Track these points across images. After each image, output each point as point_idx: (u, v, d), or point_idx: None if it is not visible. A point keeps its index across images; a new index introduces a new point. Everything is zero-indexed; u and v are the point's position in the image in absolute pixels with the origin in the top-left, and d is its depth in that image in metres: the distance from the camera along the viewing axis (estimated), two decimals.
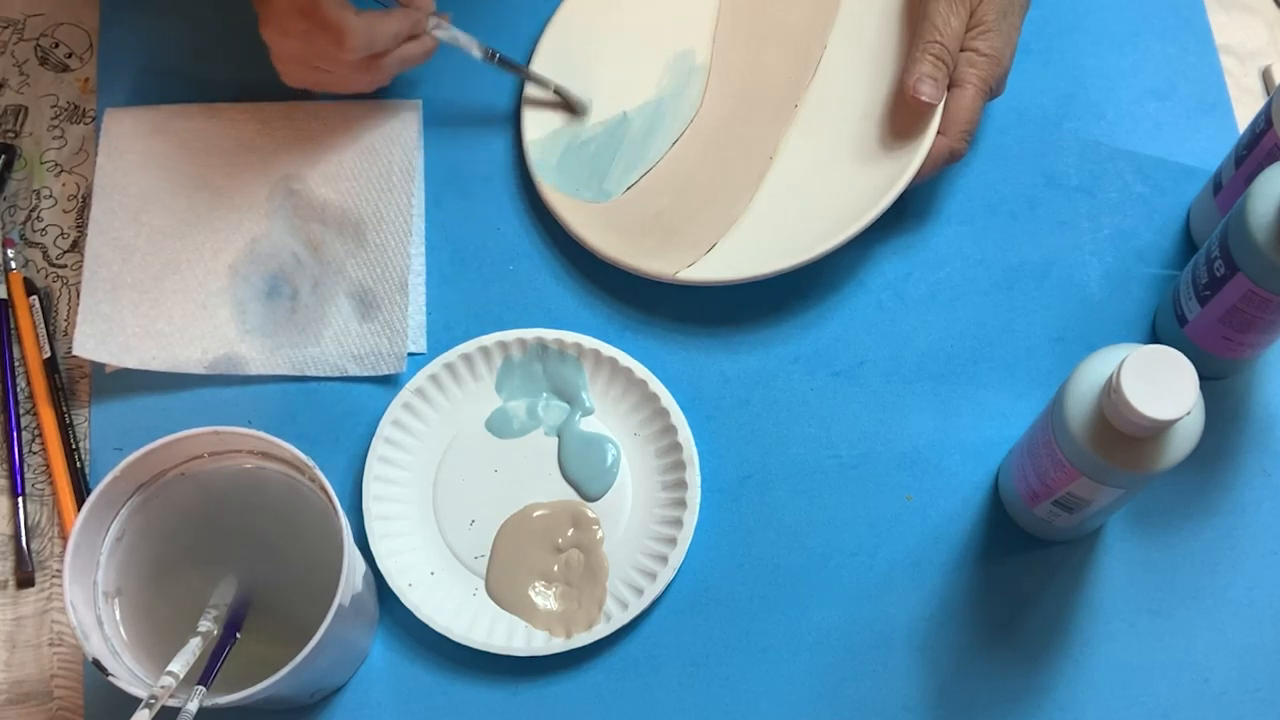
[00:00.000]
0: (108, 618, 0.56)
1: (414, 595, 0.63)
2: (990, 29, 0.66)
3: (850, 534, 0.65)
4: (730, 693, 0.63)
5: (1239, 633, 0.63)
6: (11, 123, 0.75)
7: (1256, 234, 0.56)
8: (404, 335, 0.68)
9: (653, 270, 0.68)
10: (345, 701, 0.63)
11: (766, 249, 0.67)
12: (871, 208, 0.66)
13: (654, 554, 0.64)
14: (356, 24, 0.64)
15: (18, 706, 0.63)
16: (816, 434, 0.67)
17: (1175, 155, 0.73)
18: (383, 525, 0.64)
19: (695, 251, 0.68)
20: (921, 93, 0.66)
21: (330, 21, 0.63)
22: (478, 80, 0.75)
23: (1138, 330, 0.69)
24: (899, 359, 0.69)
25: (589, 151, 0.72)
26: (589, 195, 0.71)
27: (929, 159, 0.66)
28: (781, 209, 0.69)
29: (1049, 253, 0.71)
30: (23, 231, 0.73)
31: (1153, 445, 0.52)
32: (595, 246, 0.69)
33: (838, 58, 0.72)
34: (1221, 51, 0.75)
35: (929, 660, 0.63)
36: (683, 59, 0.75)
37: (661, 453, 0.66)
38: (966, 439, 0.67)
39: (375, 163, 0.72)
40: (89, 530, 0.55)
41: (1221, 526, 0.65)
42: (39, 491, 0.67)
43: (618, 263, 0.69)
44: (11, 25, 0.77)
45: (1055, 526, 0.62)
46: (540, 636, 0.63)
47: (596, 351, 0.67)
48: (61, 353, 0.70)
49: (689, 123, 0.73)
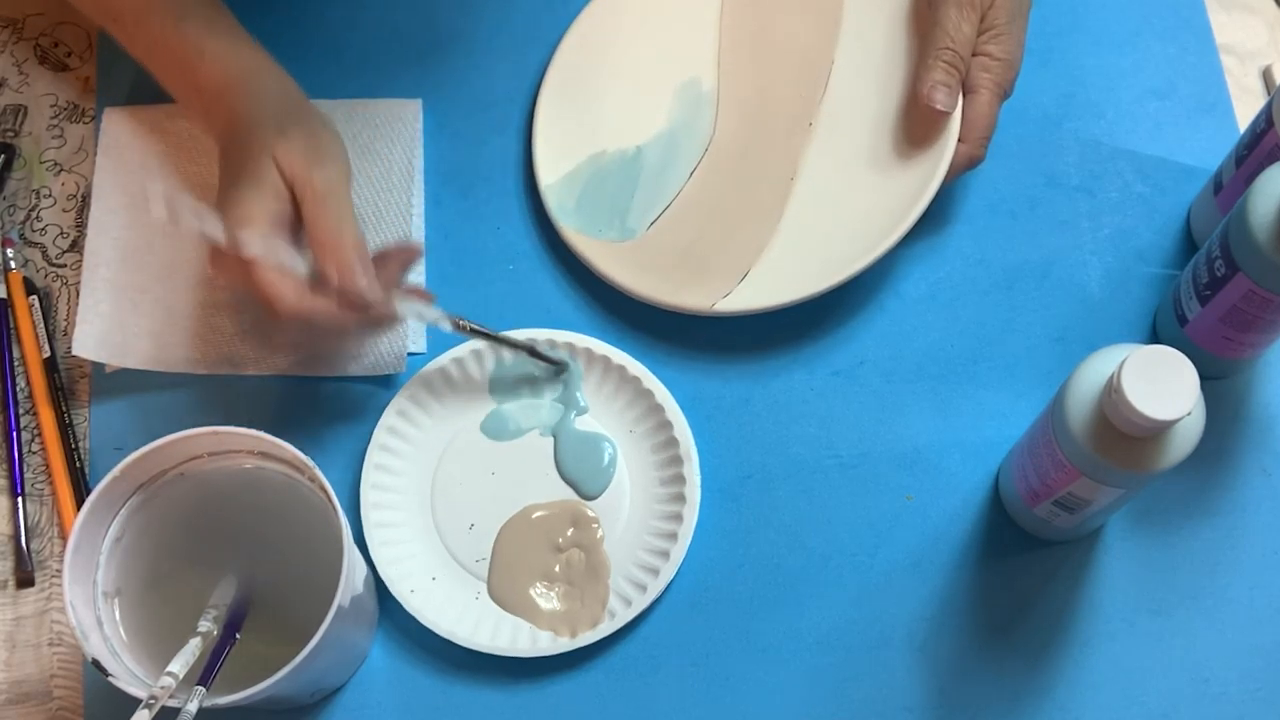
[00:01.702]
0: (108, 618, 0.56)
1: (416, 601, 0.63)
2: (1002, 32, 0.66)
3: (850, 534, 0.65)
4: (730, 693, 0.63)
5: (1239, 633, 0.63)
6: (11, 122, 0.75)
7: (1257, 234, 0.56)
8: (404, 335, 0.68)
9: (688, 305, 0.67)
10: (345, 701, 0.63)
11: (802, 271, 0.66)
12: (902, 220, 0.65)
13: (656, 550, 0.64)
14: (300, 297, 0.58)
15: (18, 706, 0.63)
16: (816, 434, 0.67)
17: (1175, 155, 0.73)
18: (382, 532, 0.64)
19: (729, 281, 0.67)
20: (936, 100, 0.65)
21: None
22: (478, 80, 0.75)
23: (1138, 330, 0.69)
24: (899, 359, 0.69)
25: (607, 190, 0.72)
26: (613, 235, 0.70)
27: (950, 167, 0.66)
28: (810, 229, 0.69)
29: (1049, 253, 0.71)
30: (22, 231, 0.73)
31: (1153, 445, 0.52)
32: (627, 286, 0.68)
33: (847, 71, 0.71)
34: (1222, 51, 0.75)
35: (929, 660, 0.63)
36: (689, 87, 0.74)
37: (658, 448, 0.66)
38: (966, 439, 0.67)
39: (375, 162, 0.72)
40: (89, 530, 0.55)
41: (1221, 526, 0.65)
42: (39, 491, 0.67)
43: (651, 300, 0.68)
44: (11, 25, 0.77)
45: (1055, 526, 0.62)
46: (544, 637, 0.63)
47: (589, 350, 0.67)
48: (61, 352, 0.69)
49: (704, 151, 0.72)
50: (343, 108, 0.73)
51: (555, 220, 0.70)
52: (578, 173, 0.72)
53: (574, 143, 0.73)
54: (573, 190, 0.71)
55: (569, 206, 0.71)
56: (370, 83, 0.74)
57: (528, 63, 0.75)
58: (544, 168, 0.72)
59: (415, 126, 0.73)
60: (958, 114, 0.66)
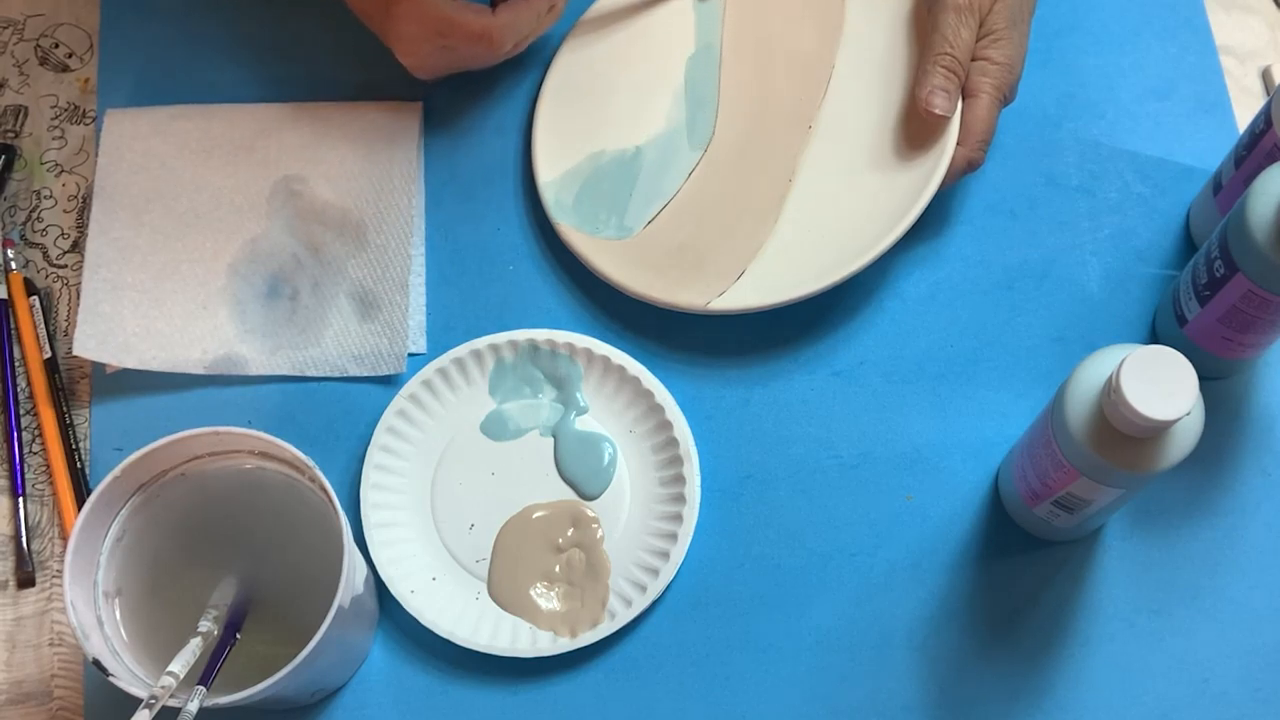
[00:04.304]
0: (108, 618, 0.56)
1: (416, 601, 0.63)
2: (1001, 36, 0.66)
3: (850, 534, 0.65)
4: (730, 693, 0.63)
5: (1239, 633, 0.63)
6: (11, 123, 0.75)
7: (1256, 234, 0.56)
8: (404, 336, 0.68)
9: (683, 303, 0.67)
10: (345, 701, 0.63)
11: (798, 271, 0.67)
12: (897, 223, 0.65)
13: (656, 550, 0.64)
14: (502, 24, 0.66)
15: (18, 706, 0.63)
16: (816, 434, 0.67)
17: (1175, 155, 0.73)
18: (382, 532, 0.64)
19: (725, 280, 0.68)
20: (934, 105, 0.65)
21: (476, 32, 0.66)
22: (478, 82, 0.75)
23: (1138, 330, 0.69)
24: (899, 359, 0.69)
25: (605, 188, 0.72)
26: (611, 233, 0.70)
27: (949, 171, 0.66)
28: (807, 230, 0.69)
29: (1049, 253, 0.71)
30: (23, 232, 0.73)
31: (1153, 445, 0.52)
32: (622, 283, 0.68)
33: (847, 75, 0.72)
34: (1221, 51, 0.75)
35: (929, 660, 0.63)
36: (689, 89, 0.74)
37: (658, 448, 0.66)
38: (966, 439, 0.67)
39: (376, 164, 0.72)
40: (89, 530, 0.55)
41: (1221, 526, 0.65)
42: (39, 491, 0.67)
43: (647, 298, 0.68)
44: (11, 25, 0.77)
45: (1055, 526, 0.62)
46: (545, 637, 0.63)
47: (589, 350, 0.67)
48: (62, 353, 0.70)
49: (703, 151, 0.72)
50: (343, 109, 0.73)
51: (552, 217, 0.70)
52: (576, 171, 0.72)
53: (573, 143, 0.73)
54: (571, 188, 0.72)
55: (567, 203, 0.71)
56: (371, 84, 0.74)
57: (528, 64, 0.75)
58: (543, 166, 0.72)
59: (416, 128, 0.73)
60: (956, 118, 0.66)
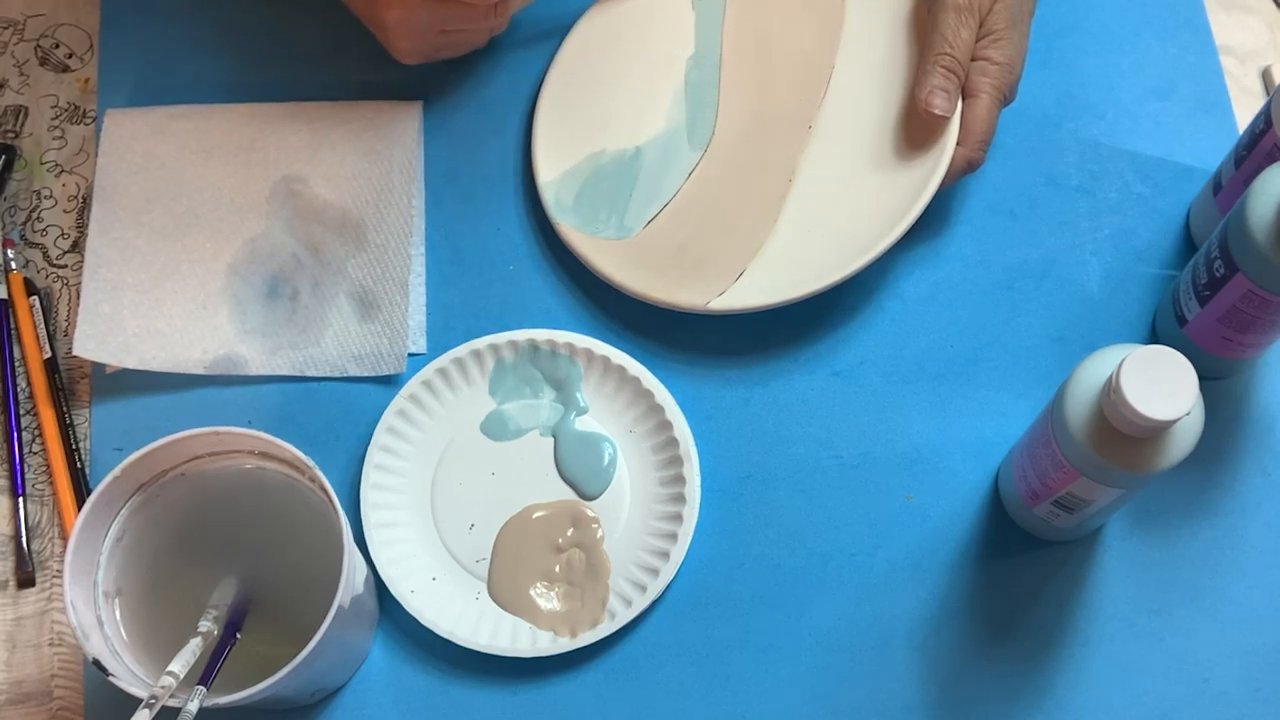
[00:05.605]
0: (108, 618, 0.56)
1: (416, 601, 0.63)
2: (1001, 36, 0.66)
3: (850, 534, 0.65)
4: (730, 693, 0.63)
5: (1239, 633, 0.63)
6: (11, 123, 0.75)
7: (1256, 234, 0.56)
8: (404, 336, 0.68)
9: (683, 302, 0.67)
10: (345, 701, 0.63)
11: (798, 271, 0.67)
12: (897, 223, 0.65)
13: (656, 550, 0.64)
14: None
15: (18, 706, 0.63)
16: (816, 434, 0.67)
17: (1175, 155, 0.73)
18: (382, 532, 0.64)
19: (724, 280, 0.68)
20: (934, 105, 0.65)
21: None
22: (478, 82, 0.75)
23: (1138, 330, 0.69)
24: (899, 359, 0.69)
25: (605, 188, 0.72)
26: (610, 233, 0.70)
27: (948, 171, 0.66)
28: (807, 229, 0.69)
29: (1049, 253, 0.71)
30: (23, 232, 0.73)
31: (1153, 445, 0.52)
32: (621, 283, 0.68)
33: (847, 75, 0.72)
34: (1221, 51, 0.75)
35: (929, 660, 0.63)
36: (689, 90, 0.74)
37: (658, 449, 0.66)
38: (966, 439, 0.67)
39: (376, 164, 0.72)
40: (89, 530, 0.55)
41: (1221, 526, 0.65)
42: (39, 491, 0.67)
43: (645, 297, 0.68)
44: (11, 25, 0.77)
45: (1055, 526, 0.62)
46: (545, 637, 0.63)
47: (589, 350, 0.67)
48: (62, 353, 0.70)
49: (703, 151, 0.72)
50: (343, 109, 0.73)
51: (552, 216, 0.70)
52: (576, 171, 0.72)
53: (573, 143, 0.73)
54: (571, 187, 0.72)
55: (566, 203, 0.71)
56: (371, 84, 0.74)
57: (528, 65, 0.75)
58: (543, 165, 0.72)
59: (416, 127, 0.73)
60: (956, 118, 0.66)
